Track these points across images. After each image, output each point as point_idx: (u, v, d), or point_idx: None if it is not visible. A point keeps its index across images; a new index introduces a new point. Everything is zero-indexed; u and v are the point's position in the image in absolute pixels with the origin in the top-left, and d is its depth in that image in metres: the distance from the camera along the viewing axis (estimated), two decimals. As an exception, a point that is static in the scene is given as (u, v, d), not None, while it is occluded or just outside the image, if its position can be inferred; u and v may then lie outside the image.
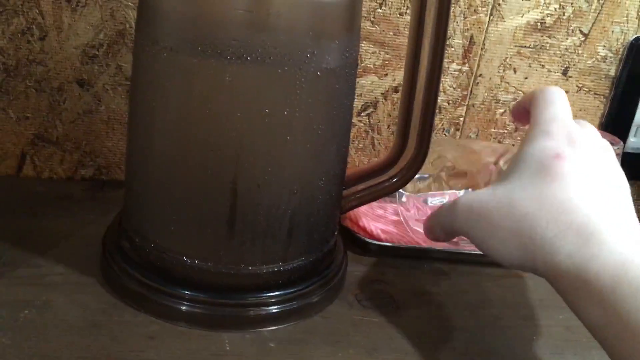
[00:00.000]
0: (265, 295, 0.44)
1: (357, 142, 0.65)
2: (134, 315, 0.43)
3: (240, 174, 0.41)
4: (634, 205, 0.40)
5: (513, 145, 0.67)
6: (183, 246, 0.43)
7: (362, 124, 0.64)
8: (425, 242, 0.56)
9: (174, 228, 0.43)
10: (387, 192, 0.50)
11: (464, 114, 0.65)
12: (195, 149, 0.41)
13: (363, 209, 0.57)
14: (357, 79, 0.50)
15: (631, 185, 0.41)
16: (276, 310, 0.45)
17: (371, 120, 0.64)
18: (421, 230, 0.52)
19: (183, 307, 0.43)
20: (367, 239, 0.55)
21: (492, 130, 0.66)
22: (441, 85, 0.48)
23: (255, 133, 0.40)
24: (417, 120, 0.48)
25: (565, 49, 0.64)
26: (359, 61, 0.52)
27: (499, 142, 0.67)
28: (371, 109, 0.64)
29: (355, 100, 0.51)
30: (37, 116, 0.58)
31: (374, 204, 0.58)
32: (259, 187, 0.41)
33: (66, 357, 0.38)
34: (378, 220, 0.58)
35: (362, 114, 0.64)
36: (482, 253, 0.57)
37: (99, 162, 0.61)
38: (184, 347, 0.41)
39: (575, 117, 0.43)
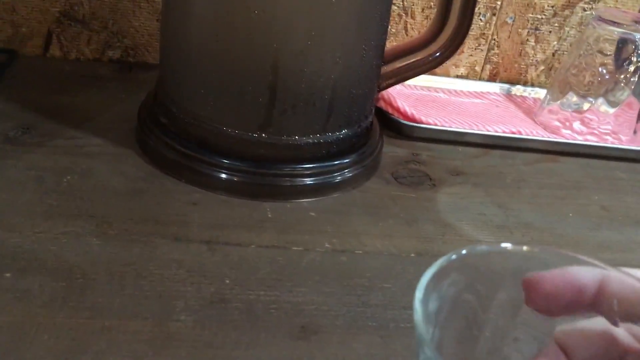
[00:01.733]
0: (303, 166, 0.44)
1: (389, 27, 0.63)
2: (175, 183, 0.43)
3: (283, 39, 0.40)
4: None
5: None
6: (223, 115, 0.43)
7: (395, 7, 0.62)
8: (461, 125, 0.56)
9: (213, 97, 0.42)
10: (427, 68, 0.49)
11: (501, -2, 0.63)
12: (236, 12, 0.39)
13: (398, 89, 0.56)
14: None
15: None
16: (313, 182, 0.45)
17: (405, 3, 0.62)
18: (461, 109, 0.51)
19: (222, 176, 0.43)
20: (401, 120, 0.55)
21: (530, 15, 0.64)
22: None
23: (300, -6, 0.38)
24: (460, -7, 0.46)
25: None
26: None
27: (536, 28, 0.65)
28: (406, -9, 0.61)
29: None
30: (63, -8, 0.56)
31: (409, 85, 0.57)
32: (302, 53, 0.40)
33: (112, 217, 0.39)
34: (413, 102, 0.57)
35: (396, -3, 0.61)
36: (518, 137, 0.56)
37: (126, 43, 0.60)
38: (226, 213, 0.41)
39: None
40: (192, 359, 0.30)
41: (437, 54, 0.48)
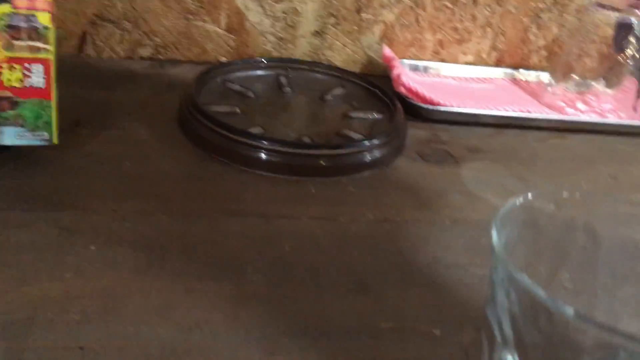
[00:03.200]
0: (339, 148, 0.48)
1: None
2: (223, 165, 0.47)
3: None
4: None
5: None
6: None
7: None
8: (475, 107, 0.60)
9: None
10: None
11: None
12: None
13: (412, 76, 0.60)
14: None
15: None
16: (349, 162, 0.49)
17: None
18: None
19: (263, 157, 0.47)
20: (420, 104, 0.59)
21: (532, 4, 0.68)
22: None
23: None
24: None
25: None
26: None
27: (538, 16, 0.69)
28: None
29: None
30: (97, -5, 0.60)
31: (421, 72, 0.61)
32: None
33: (175, 197, 0.42)
34: (428, 87, 0.61)
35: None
36: (529, 116, 0.61)
37: (157, 42, 0.63)
38: (274, 190, 0.45)
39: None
40: (268, 313, 0.33)
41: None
